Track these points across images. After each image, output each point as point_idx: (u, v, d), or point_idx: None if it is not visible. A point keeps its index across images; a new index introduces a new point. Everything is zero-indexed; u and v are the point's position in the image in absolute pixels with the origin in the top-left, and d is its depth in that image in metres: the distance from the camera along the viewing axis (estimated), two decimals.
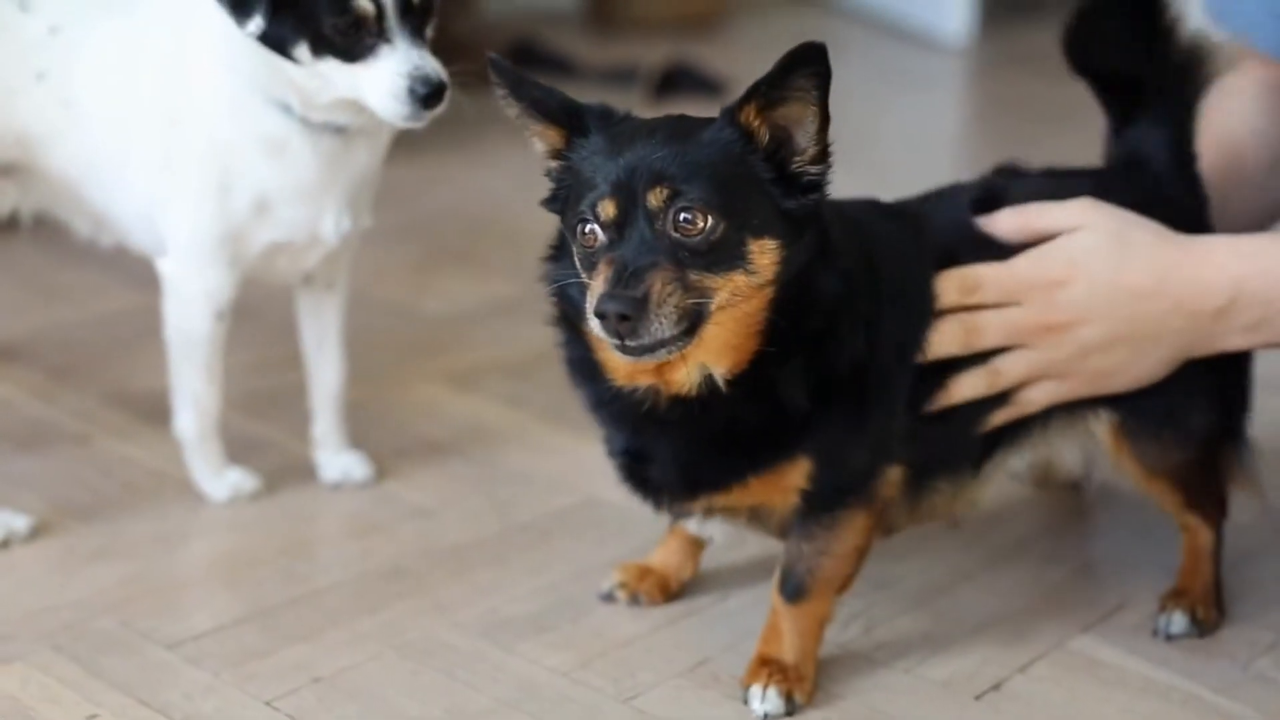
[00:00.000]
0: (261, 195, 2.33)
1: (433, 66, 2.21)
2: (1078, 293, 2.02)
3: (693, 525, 2.06)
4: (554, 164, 1.91)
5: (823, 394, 1.89)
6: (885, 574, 2.26)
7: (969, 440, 2.10)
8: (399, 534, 2.43)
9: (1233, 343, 2.07)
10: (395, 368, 3.05)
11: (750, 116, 1.79)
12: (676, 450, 1.93)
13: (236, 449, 2.55)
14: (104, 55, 2.37)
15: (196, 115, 2.33)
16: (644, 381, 1.87)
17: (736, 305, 1.79)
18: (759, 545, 2.36)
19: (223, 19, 2.23)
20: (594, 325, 1.75)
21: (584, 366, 1.94)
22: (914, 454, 2.03)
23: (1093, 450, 2.23)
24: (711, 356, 1.83)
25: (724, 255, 1.76)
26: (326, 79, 2.24)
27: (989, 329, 2.03)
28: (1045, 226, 2.05)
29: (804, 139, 1.79)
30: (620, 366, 1.87)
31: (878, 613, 2.22)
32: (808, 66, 1.74)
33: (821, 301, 1.84)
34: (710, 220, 1.75)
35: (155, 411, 2.59)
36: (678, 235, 1.75)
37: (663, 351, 1.76)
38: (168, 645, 2.11)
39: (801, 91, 1.76)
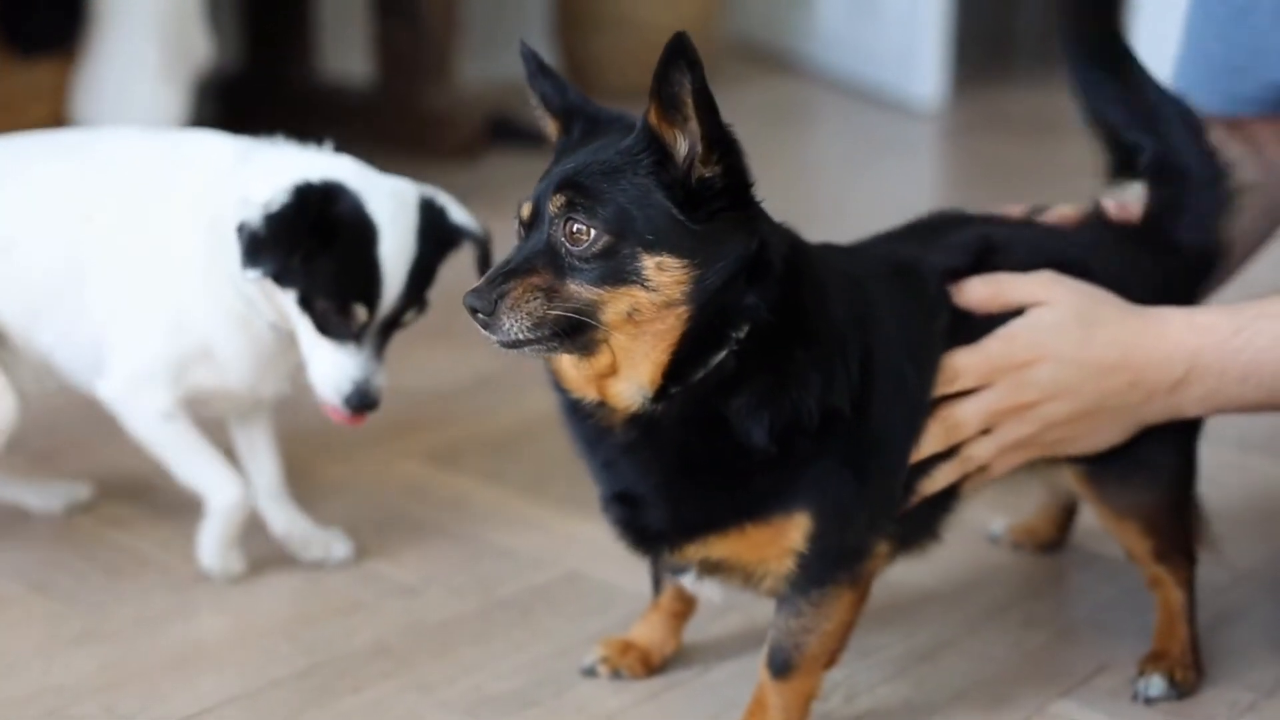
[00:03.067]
0: (211, 349, 2.39)
1: (378, 385, 2.34)
2: (1045, 372, 2.05)
3: (688, 582, 2.04)
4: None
5: (796, 442, 1.88)
6: (866, 642, 2.27)
7: (939, 507, 2.12)
8: (382, 612, 2.43)
9: (1187, 412, 2.11)
10: (375, 445, 3.06)
11: (657, 120, 1.78)
12: (657, 483, 1.93)
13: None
14: (51, 199, 2.42)
15: (164, 274, 2.37)
16: (591, 396, 1.88)
17: (643, 323, 1.79)
18: (740, 618, 2.37)
19: (221, 218, 2.28)
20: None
21: (556, 383, 1.96)
22: (907, 525, 2.05)
23: (1062, 490, 2.26)
24: (632, 370, 1.83)
25: (613, 269, 1.77)
26: (295, 323, 2.31)
27: (968, 422, 2.05)
28: (1012, 299, 2.07)
29: (693, 141, 1.77)
30: (567, 376, 1.90)
31: (859, 681, 2.23)
32: (679, 57, 1.73)
33: (740, 331, 1.82)
34: (594, 232, 1.77)
35: (137, 494, 2.60)
36: (568, 244, 1.79)
37: (527, 349, 1.80)
38: None
39: (679, 85, 1.74)
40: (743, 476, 1.90)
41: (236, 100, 5.56)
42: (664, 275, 1.77)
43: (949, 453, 2.06)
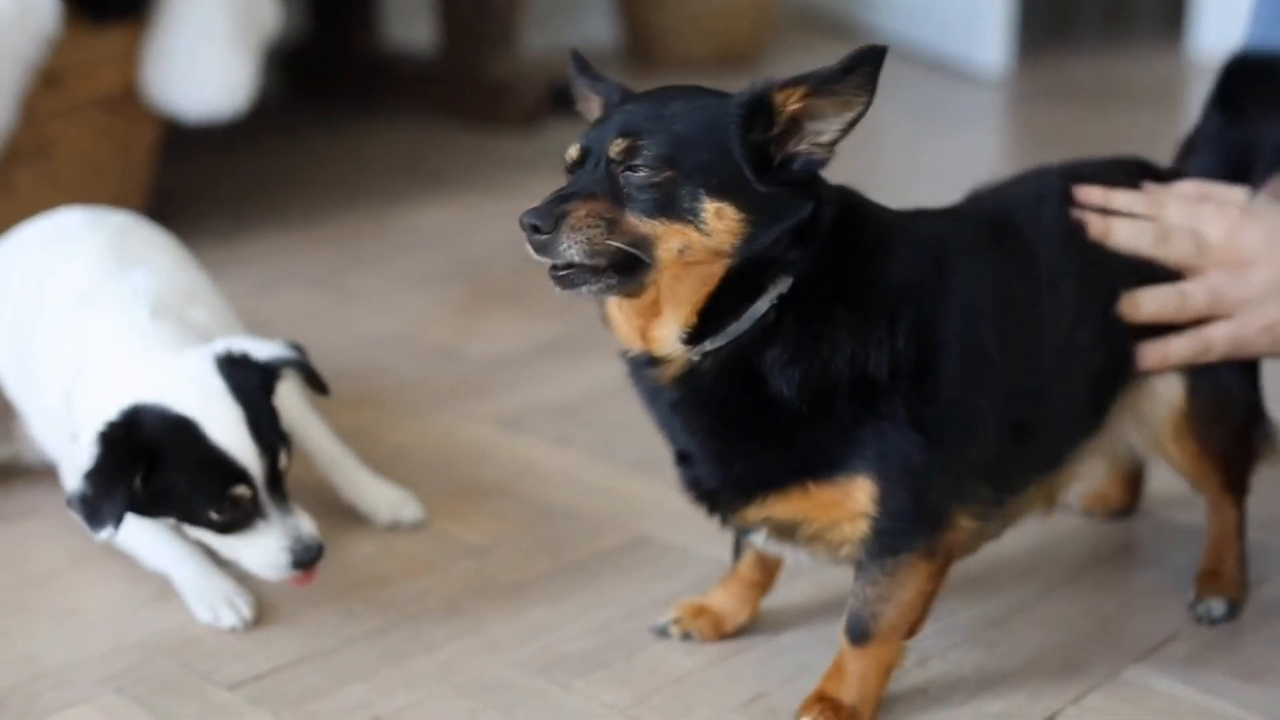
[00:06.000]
0: None
1: (308, 530, 2.23)
2: (1256, 233, 2.17)
3: (759, 541, 2.05)
4: None
5: (833, 403, 1.88)
6: (938, 607, 2.25)
7: (1056, 442, 2.14)
8: (453, 574, 2.45)
9: None
10: (444, 410, 3.08)
11: (790, 98, 1.82)
12: (704, 441, 1.94)
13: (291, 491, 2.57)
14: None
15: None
16: (637, 347, 1.91)
17: (690, 264, 1.81)
18: (810, 583, 2.37)
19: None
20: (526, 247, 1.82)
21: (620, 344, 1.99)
22: (1000, 478, 2.05)
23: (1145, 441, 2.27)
24: (672, 312, 1.85)
25: (671, 204, 1.79)
26: (199, 537, 2.26)
27: (1180, 239, 2.17)
28: (1214, 194, 2.20)
29: (827, 128, 1.82)
30: (619, 327, 1.91)
31: (931, 646, 2.23)
32: (869, 66, 1.80)
33: (782, 285, 1.85)
34: (658, 164, 1.79)
35: None
36: (630, 176, 1.80)
37: (586, 288, 1.80)
38: (229, 686, 2.14)
39: (856, 89, 1.80)
40: (784, 434, 1.91)
41: (302, 69, 5.59)
42: (720, 222, 1.80)
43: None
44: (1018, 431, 2.03)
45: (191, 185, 4.58)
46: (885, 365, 1.89)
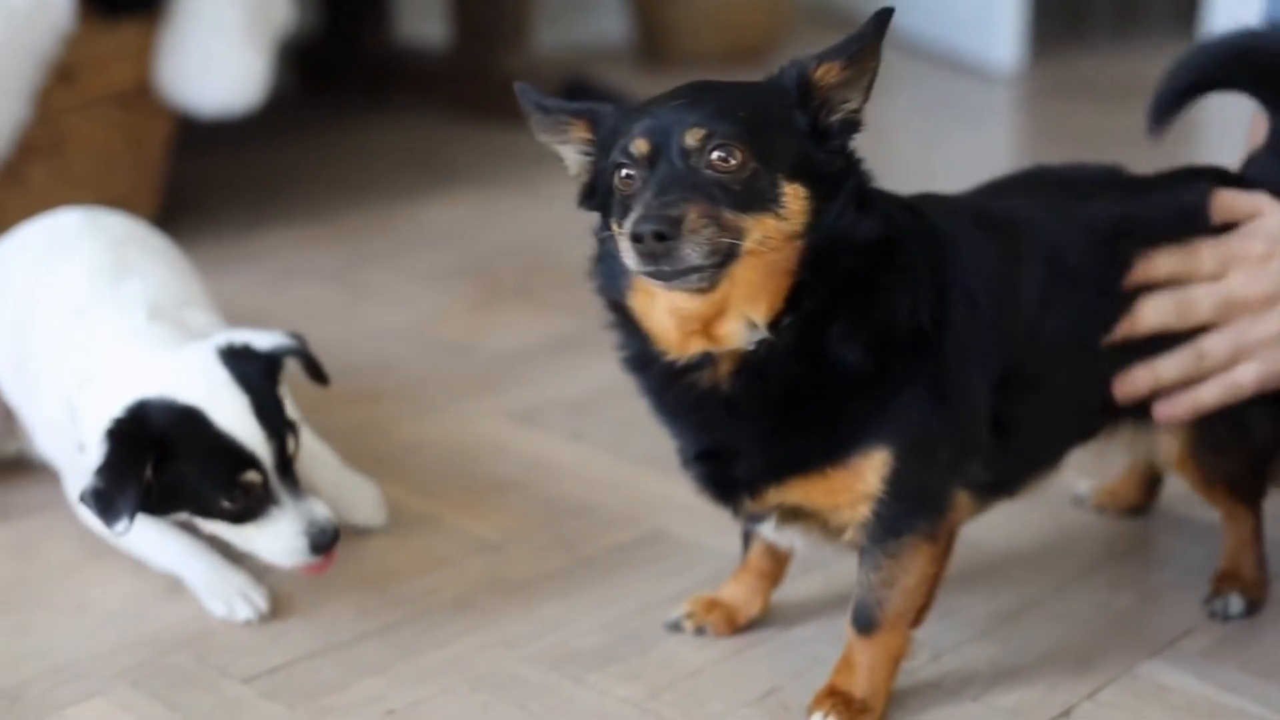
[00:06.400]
0: None
1: (323, 514, 2.23)
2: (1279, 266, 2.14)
3: (767, 531, 2.05)
4: (585, 164, 1.95)
5: (890, 361, 1.88)
6: (951, 602, 2.26)
7: (1052, 450, 2.16)
8: (466, 568, 2.45)
9: None
10: (455, 405, 3.08)
11: (829, 72, 1.84)
12: (758, 430, 1.92)
13: None
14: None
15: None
16: (696, 348, 1.87)
17: (766, 252, 1.80)
18: (822, 577, 2.37)
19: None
20: (628, 257, 1.76)
21: (639, 357, 1.95)
22: (994, 472, 2.05)
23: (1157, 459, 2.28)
24: (748, 304, 1.83)
25: (757, 195, 1.79)
26: (212, 530, 2.27)
27: (1202, 301, 2.13)
28: (1244, 209, 2.17)
29: (851, 95, 1.86)
30: (669, 334, 1.88)
31: (944, 640, 2.23)
32: (885, 27, 1.84)
33: (852, 260, 1.85)
34: (744, 157, 1.78)
35: None
36: (711, 173, 1.78)
37: (694, 277, 1.76)
38: (243, 679, 2.15)
39: (872, 51, 1.84)
40: (838, 406, 1.90)
41: (315, 65, 5.59)
42: (796, 204, 1.81)
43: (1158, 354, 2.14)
44: (1011, 410, 2.03)
45: (204, 181, 4.59)
46: (929, 318, 1.92)
